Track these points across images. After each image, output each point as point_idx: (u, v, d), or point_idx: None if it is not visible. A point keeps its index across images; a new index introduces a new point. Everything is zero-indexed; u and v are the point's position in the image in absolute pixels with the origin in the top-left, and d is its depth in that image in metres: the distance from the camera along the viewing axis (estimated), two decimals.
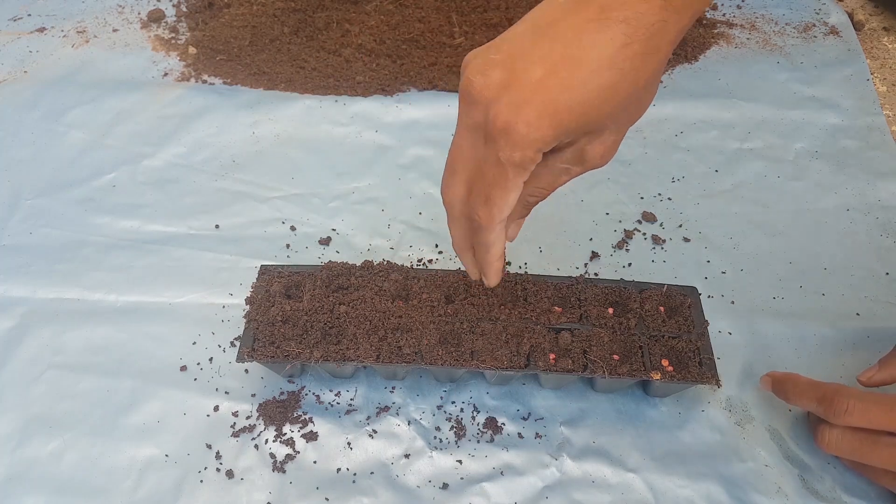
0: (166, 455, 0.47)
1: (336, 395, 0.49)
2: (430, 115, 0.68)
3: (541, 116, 0.34)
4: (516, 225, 0.45)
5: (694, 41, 0.74)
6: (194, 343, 0.52)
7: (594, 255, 0.57)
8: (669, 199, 0.61)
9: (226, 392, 0.50)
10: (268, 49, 0.73)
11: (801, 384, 0.45)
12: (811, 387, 0.45)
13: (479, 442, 0.47)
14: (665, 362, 0.46)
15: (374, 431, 0.48)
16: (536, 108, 0.34)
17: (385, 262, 0.51)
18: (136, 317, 0.53)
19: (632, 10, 0.33)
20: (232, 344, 0.52)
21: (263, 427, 0.48)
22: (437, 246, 0.58)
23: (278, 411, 0.48)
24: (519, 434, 0.48)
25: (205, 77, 0.72)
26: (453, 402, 0.49)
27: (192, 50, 0.74)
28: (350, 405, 0.49)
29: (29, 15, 0.79)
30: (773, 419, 0.48)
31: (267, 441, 0.47)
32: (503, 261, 0.43)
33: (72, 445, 0.47)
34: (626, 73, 0.34)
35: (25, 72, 0.72)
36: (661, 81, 0.70)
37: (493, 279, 0.43)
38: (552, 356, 0.46)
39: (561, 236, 0.58)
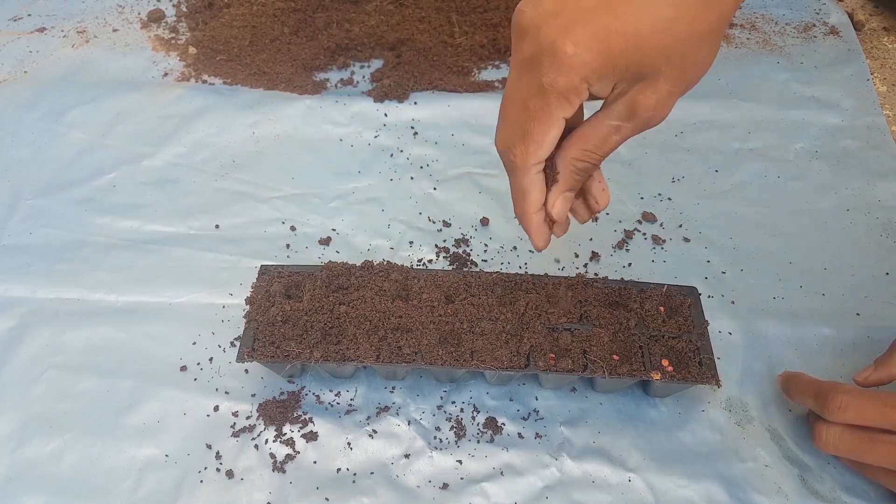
0: (166, 455, 0.47)
1: (336, 395, 0.49)
2: (430, 115, 0.68)
3: (590, 38, 0.32)
4: (563, 199, 0.40)
5: None
6: (194, 343, 0.52)
7: (594, 255, 0.57)
8: (669, 199, 0.61)
9: (226, 392, 0.50)
10: (268, 49, 0.73)
11: (801, 381, 0.46)
12: (810, 384, 0.45)
13: (479, 442, 0.47)
14: (665, 362, 0.46)
15: (374, 431, 0.48)
16: (585, 31, 0.32)
17: (385, 262, 0.51)
18: (136, 317, 0.53)
19: None
20: (232, 344, 0.52)
21: (263, 427, 0.48)
22: (436, 246, 0.58)
23: (278, 411, 0.48)
24: (519, 434, 0.48)
25: (205, 77, 0.72)
26: (453, 402, 0.49)
27: (192, 50, 0.74)
28: (350, 405, 0.49)
29: (29, 15, 0.79)
30: (773, 419, 0.48)
31: (267, 441, 0.47)
32: (542, 215, 0.40)
33: (72, 445, 0.47)
34: (684, 13, 0.32)
35: (25, 72, 0.72)
36: None
37: (536, 237, 0.40)
38: (552, 356, 0.46)
39: (561, 236, 0.58)
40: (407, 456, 0.47)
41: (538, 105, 0.35)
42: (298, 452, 0.47)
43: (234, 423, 0.48)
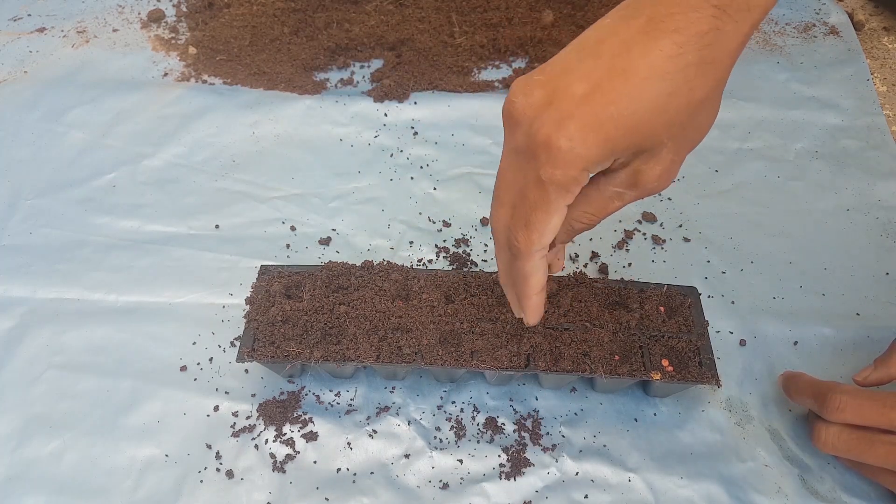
0: (166, 455, 0.47)
1: (336, 395, 0.49)
2: (430, 115, 0.68)
3: (585, 131, 0.32)
4: (555, 252, 0.42)
5: None
6: (194, 343, 0.52)
7: (594, 255, 0.57)
8: (669, 199, 0.61)
9: (226, 392, 0.50)
10: (268, 49, 0.73)
11: (801, 381, 0.46)
12: (809, 384, 0.45)
13: (479, 442, 0.47)
14: (665, 362, 0.46)
15: (374, 431, 0.48)
16: (580, 123, 0.32)
17: (385, 262, 0.51)
18: (136, 317, 0.53)
19: (683, 20, 0.31)
20: (232, 344, 0.52)
21: (263, 427, 0.48)
22: (436, 246, 0.58)
23: (278, 411, 0.48)
24: (519, 434, 0.48)
25: (205, 77, 0.72)
26: (453, 402, 0.49)
27: (192, 50, 0.74)
28: (350, 405, 0.49)
29: (29, 15, 0.79)
30: (773, 419, 0.48)
31: (267, 441, 0.47)
32: (544, 295, 0.40)
33: (72, 445, 0.47)
34: (680, 85, 0.32)
35: (25, 72, 0.72)
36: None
37: (531, 315, 0.41)
38: (552, 356, 0.46)
39: None
40: (407, 456, 0.47)
41: (538, 196, 0.35)
42: (298, 452, 0.47)
43: (234, 423, 0.48)
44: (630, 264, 0.57)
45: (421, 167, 0.64)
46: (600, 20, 0.35)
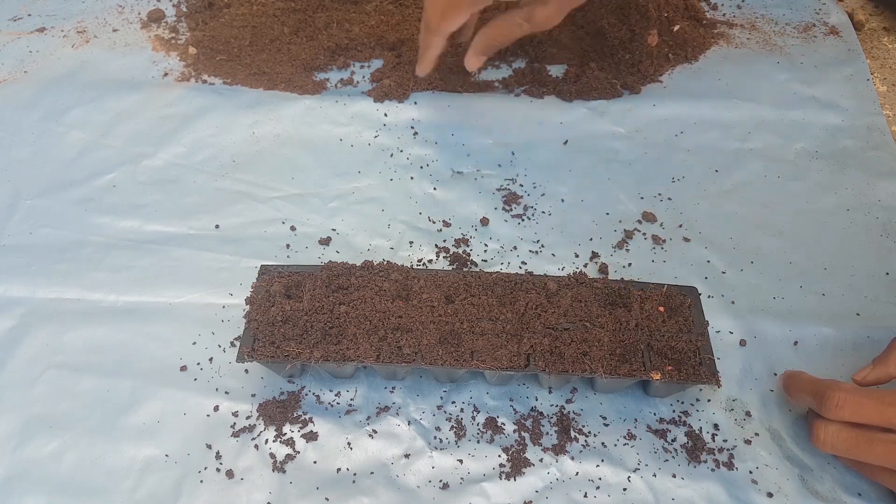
0: (166, 455, 0.47)
1: (336, 395, 0.49)
2: (430, 115, 0.68)
3: None
4: (477, 59, 0.64)
5: (694, 41, 0.74)
6: (194, 343, 0.52)
7: (594, 255, 0.57)
8: (669, 199, 0.61)
9: (226, 392, 0.50)
10: (268, 49, 0.73)
11: (800, 379, 0.46)
12: (808, 382, 0.45)
13: (479, 442, 0.47)
14: (665, 362, 0.46)
15: (374, 431, 0.48)
16: None
17: (385, 262, 0.51)
18: (136, 317, 0.53)
19: None
20: (232, 344, 0.52)
21: (263, 427, 0.48)
22: (436, 246, 0.58)
23: (278, 411, 0.48)
24: (519, 434, 0.48)
25: (205, 77, 0.72)
26: (453, 402, 0.49)
27: (192, 50, 0.74)
28: (350, 405, 0.49)
29: (29, 15, 0.79)
30: (773, 419, 0.48)
31: (267, 441, 0.47)
32: (436, 57, 0.64)
33: (72, 445, 0.47)
34: None
35: (25, 72, 0.72)
36: (661, 81, 0.70)
37: (421, 66, 0.65)
38: (552, 356, 0.46)
39: (561, 236, 0.58)
40: (407, 456, 0.47)
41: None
42: (298, 452, 0.47)
43: (234, 423, 0.48)
44: (630, 264, 0.57)
45: (421, 167, 0.64)
46: None
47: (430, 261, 0.57)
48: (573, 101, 0.68)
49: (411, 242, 0.58)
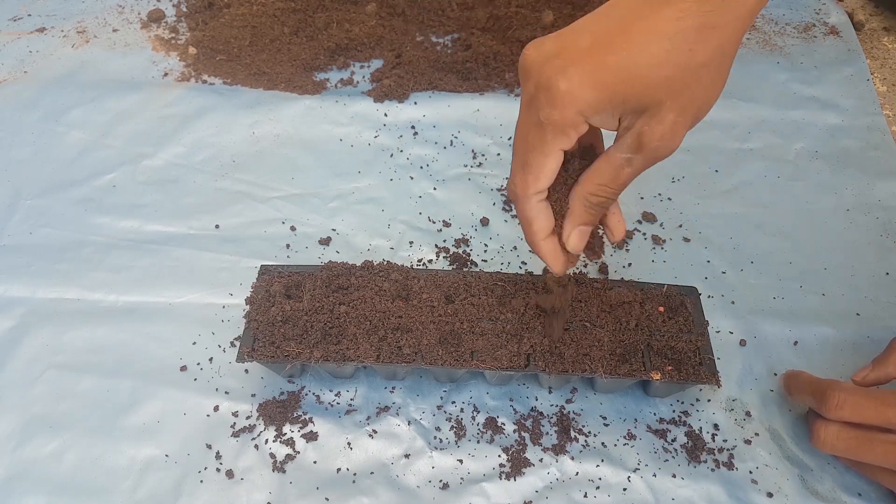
0: (166, 455, 0.47)
1: (336, 395, 0.49)
2: (430, 115, 0.68)
3: (582, 75, 0.34)
4: (578, 232, 0.41)
5: None
6: (194, 343, 0.52)
7: None
8: (669, 199, 0.61)
9: (226, 392, 0.50)
10: (268, 49, 0.73)
11: (800, 379, 0.46)
12: (808, 382, 0.45)
13: (479, 442, 0.47)
14: (665, 362, 0.46)
15: (374, 431, 0.48)
16: (579, 69, 0.34)
17: (385, 262, 0.51)
18: (136, 317, 0.53)
19: None
20: (232, 344, 0.52)
21: (263, 427, 0.48)
22: (436, 246, 0.58)
23: (278, 411, 0.48)
24: (519, 434, 0.48)
25: (205, 77, 0.72)
26: (453, 402, 0.49)
27: (192, 50, 0.74)
28: (350, 405, 0.49)
29: (29, 15, 0.79)
30: (773, 419, 0.48)
31: (267, 441, 0.47)
32: (554, 240, 0.41)
33: (72, 445, 0.47)
34: (679, 45, 0.34)
35: (25, 72, 0.72)
36: None
37: (552, 262, 0.41)
38: (552, 356, 0.46)
39: None
40: (407, 456, 0.47)
41: (536, 137, 0.37)
42: (298, 452, 0.47)
43: (234, 423, 0.48)
44: (630, 264, 0.57)
45: (421, 167, 0.64)
46: None
47: (430, 261, 0.57)
48: None
49: (411, 242, 0.58)
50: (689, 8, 0.33)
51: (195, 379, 0.50)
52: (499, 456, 0.47)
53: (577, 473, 0.46)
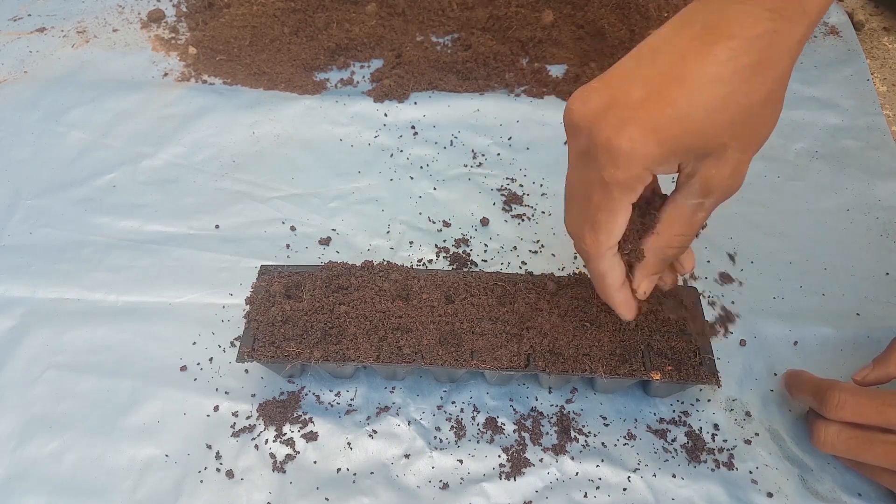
0: (166, 455, 0.47)
1: (336, 395, 0.49)
2: (431, 115, 0.68)
3: (644, 133, 0.33)
4: (649, 280, 0.41)
5: None
6: (194, 343, 0.52)
7: None
8: None
9: (226, 392, 0.50)
10: (268, 49, 0.73)
11: (801, 379, 0.46)
12: (809, 382, 0.45)
13: (479, 442, 0.47)
14: (665, 362, 0.46)
15: (374, 431, 0.48)
16: (639, 125, 0.33)
17: (385, 262, 0.51)
18: (136, 317, 0.53)
19: (737, 25, 0.32)
20: (232, 344, 0.52)
21: (263, 427, 0.48)
22: (436, 246, 0.58)
23: (278, 411, 0.48)
24: (519, 434, 0.48)
25: (205, 77, 0.72)
26: (453, 402, 0.49)
27: (192, 50, 0.74)
28: (350, 405, 0.49)
29: (29, 15, 0.79)
30: (773, 419, 0.48)
31: (267, 441, 0.47)
32: (627, 289, 0.41)
33: (72, 445, 0.47)
34: (736, 87, 0.33)
35: (25, 72, 0.72)
36: None
37: (624, 311, 0.42)
38: (552, 356, 0.46)
39: (561, 236, 0.58)
40: (407, 456, 0.47)
41: (602, 197, 0.36)
42: (298, 452, 0.47)
43: (234, 423, 0.48)
44: None
45: (421, 167, 0.64)
46: (657, 30, 0.36)
47: (430, 261, 0.57)
48: None
49: (411, 242, 0.58)
50: (741, 46, 0.32)
51: (195, 379, 0.50)
52: (499, 456, 0.47)
53: (577, 473, 0.46)
